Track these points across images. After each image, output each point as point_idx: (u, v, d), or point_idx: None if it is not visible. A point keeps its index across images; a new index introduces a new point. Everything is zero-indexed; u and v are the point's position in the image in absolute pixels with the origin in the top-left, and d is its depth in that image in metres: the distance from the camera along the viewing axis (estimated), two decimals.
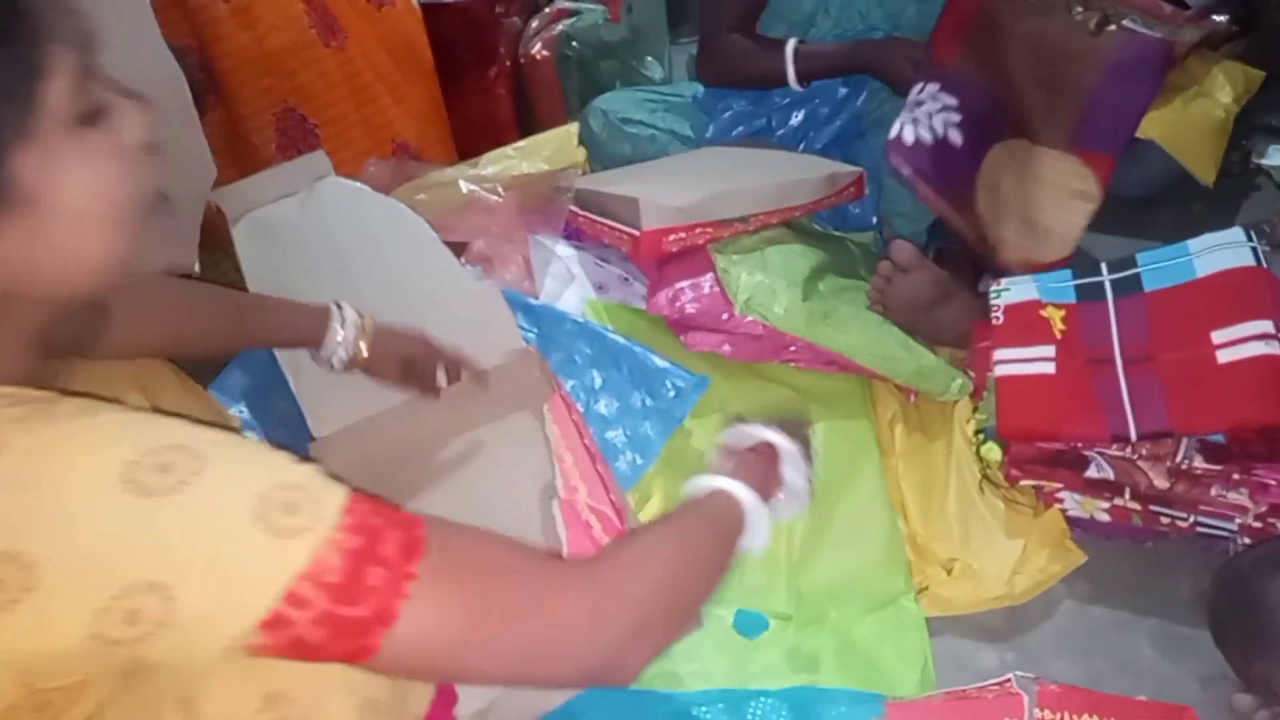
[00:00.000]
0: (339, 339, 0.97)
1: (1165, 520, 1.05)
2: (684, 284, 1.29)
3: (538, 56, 1.62)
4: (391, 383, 1.07)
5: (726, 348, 1.27)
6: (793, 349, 1.28)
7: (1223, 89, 1.59)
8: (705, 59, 1.58)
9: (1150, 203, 1.60)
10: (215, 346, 0.92)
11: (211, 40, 1.36)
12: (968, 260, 1.54)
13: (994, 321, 1.16)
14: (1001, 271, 1.53)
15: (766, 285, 1.25)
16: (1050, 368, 1.07)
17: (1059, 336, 1.10)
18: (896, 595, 1.09)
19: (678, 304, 1.27)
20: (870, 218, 1.58)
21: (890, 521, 1.15)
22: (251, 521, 0.49)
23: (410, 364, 1.06)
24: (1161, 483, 1.00)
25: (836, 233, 1.57)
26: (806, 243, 1.40)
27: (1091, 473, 1.04)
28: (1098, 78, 1.18)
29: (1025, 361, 1.09)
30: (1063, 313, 1.12)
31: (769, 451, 0.82)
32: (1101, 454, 1.02)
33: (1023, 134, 1.25)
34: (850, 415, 1.26)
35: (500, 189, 1.39)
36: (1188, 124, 1.56)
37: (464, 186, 1.38)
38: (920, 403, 1.29)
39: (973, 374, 1.26)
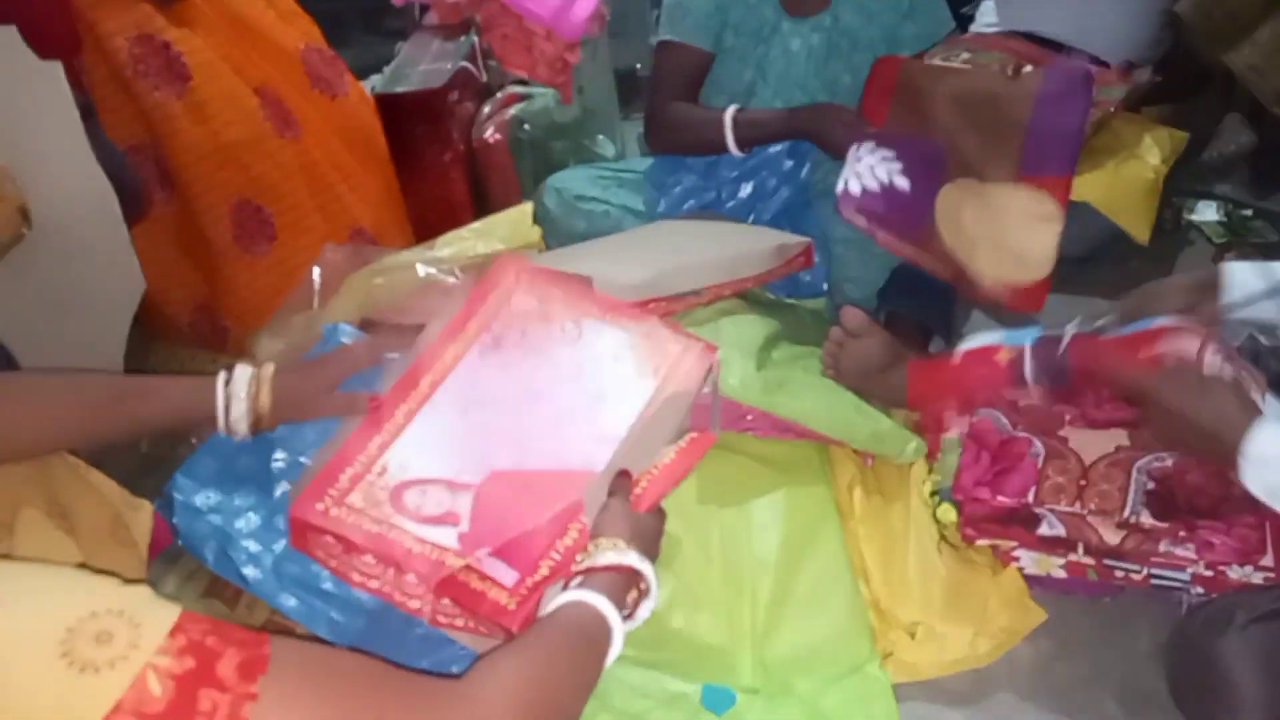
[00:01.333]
0: (229, 409, 0.92)
1: (1120, 574, 1.06)
2: None
3: (490, 140, 1.66)
4: (324, 415, 1.00)
5: None
6: (749, 418, 1.29)
7: (1151, 151, 1.67)
8: (651, 128, 1.64)
9: (1089, 261, 1.65)
10: (97, 436, 0.85)
11: (165, 136, 1.37)
12: (918, 323, 1.58)
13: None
14: (949, 335, 1.58)
15: (721, 357, 1.27)
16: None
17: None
18: (862, 662, 1.09)
19: None
20: (821, 284, 1.62)
21: (853, 587, 1.15)
22: (56, 658, 0.45)
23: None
24: (1111, 538, 1.02)
25: (789, 300, 1.60)
26: (759, 312, 1.42)
27: (1044, 530, 1.06)
28: (1029, 109, 1.22)
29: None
30: (1016, 352, 1.14)
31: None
32: (1053, 510, 1.04)
33: (968, 175, 1.29)
34: (809, 482, 1.27)
35: (457, 270, 1.41)
36: (1120, 186, 1.62)
37: (421, 269, 1.39)
38: (877, 466, 1.31)
39: (927, 435, 1.28)
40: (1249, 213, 1.77)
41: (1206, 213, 1.76)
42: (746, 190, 1.63)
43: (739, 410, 1.28)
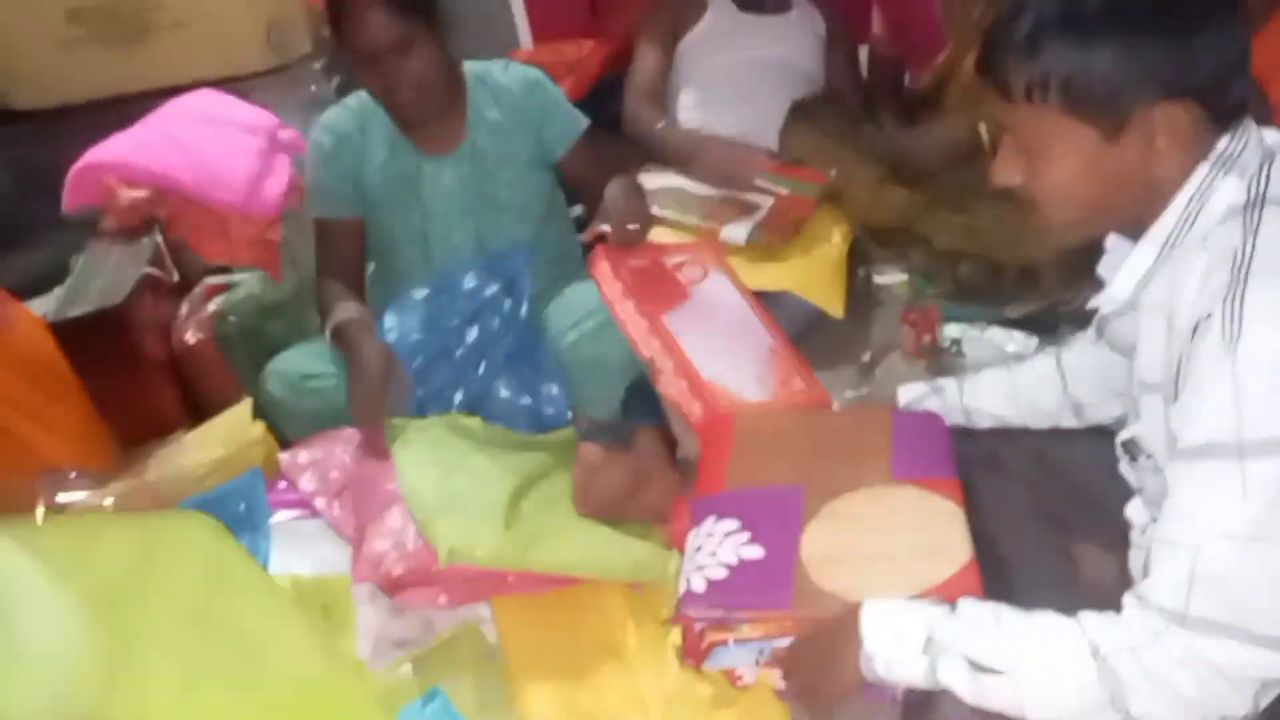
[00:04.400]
0: None
1: None
2: (386, 545, 1.27)
3: (193, 342, 1.58)
4: None
5: (442, 599, 1.25)
6: (510, 579, 1.28)
7: (832, 233, 1.84)
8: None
9: (801, 340, 1.77)
10: None
11: None
12: (663, 433, 1.63)
13: None
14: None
15: (466, 528, 1.25)
16: None
17: None
18: None
19: (382, 569, 1.25)
20: (565, 413, 1.64)
21: None
22: None
23: None
24: None
25: (537, 437, 1.61)
26: (504, 464, 1.42)
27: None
28: (890, 431, 1.23)
29: None
30: None
31: None
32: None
33: (835, 496, 1.15)
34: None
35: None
36: (813, 269, 1.77)
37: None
38: (646, 591, 1.32)
39: (676, 547, 1.31)
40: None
41: (892, 275, 1.95)
42: (473, 335, 1.64)
43: (498, 575, 1.27)
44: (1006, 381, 1.23)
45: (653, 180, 1.94)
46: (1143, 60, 0.80)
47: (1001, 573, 1.09)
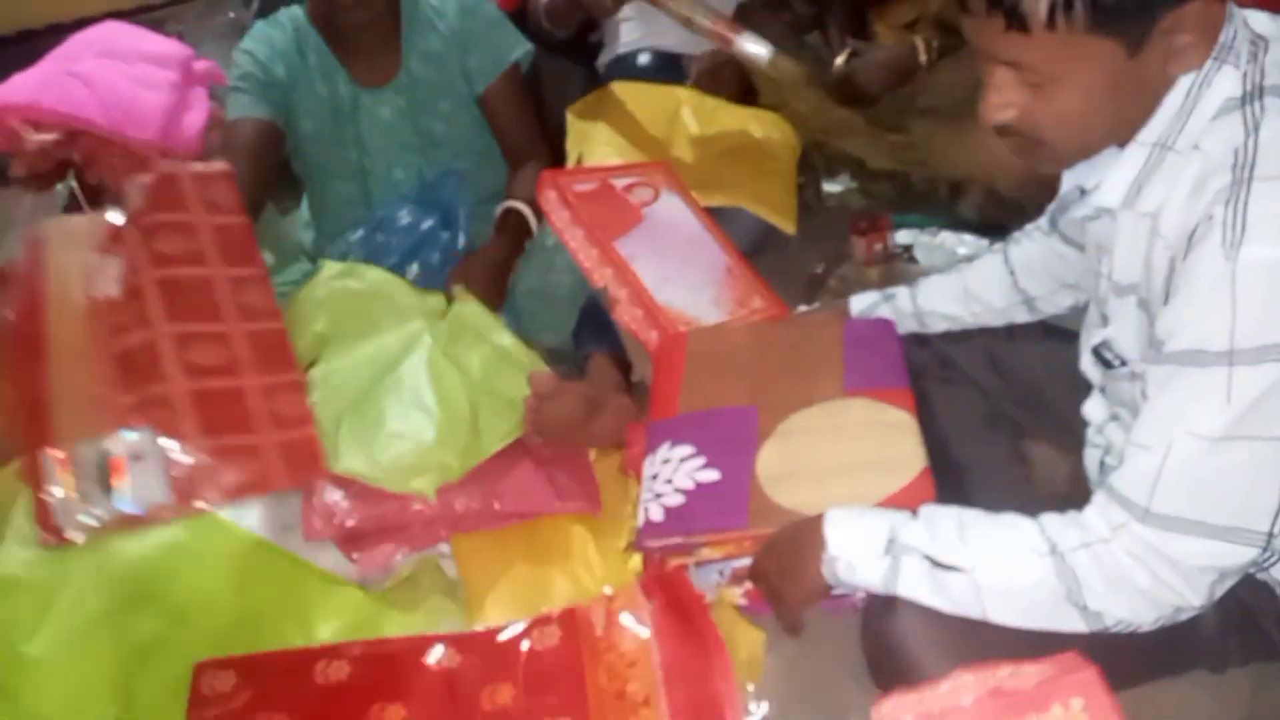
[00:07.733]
0: None
1: None
2: (337, 495, 1.23)
3: None
4: None
5: (399, 555, 1.23)
6: (469, 519, 1.24)
7: (781, 145, 1.79)
8: None
9: (755, 255, 1.75)
10: None
11: None
12: (616, 359, 1.61)
13: None
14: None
15: (428, 461, 1.22)
16: None
17: None
18: None
19: (335, 521, 1.21)
20: None
21: None
22: None
23: None
24: None
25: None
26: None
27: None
28: (839, 347, 1.21)
29: None
30: None
31: None
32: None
33: (789, 413, 1.14)
34: None
35: None
36: (764, 184, 1.72)
37: None
38: (607, 515, 1.31)
39: (632, 474, 1.30)
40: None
41: (840, 181, 1.91)
42: (413, 272, 1.60)
43: (456, 516, 1.23)
44: (956, 282, 1.22)
45: None
46: None
47: (956, 476, 1.10)
